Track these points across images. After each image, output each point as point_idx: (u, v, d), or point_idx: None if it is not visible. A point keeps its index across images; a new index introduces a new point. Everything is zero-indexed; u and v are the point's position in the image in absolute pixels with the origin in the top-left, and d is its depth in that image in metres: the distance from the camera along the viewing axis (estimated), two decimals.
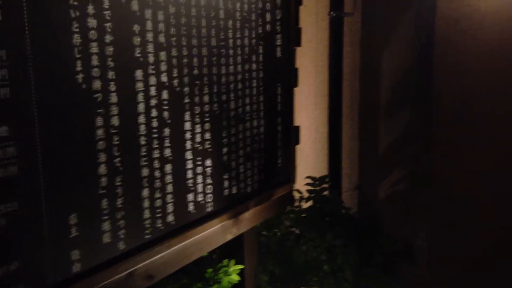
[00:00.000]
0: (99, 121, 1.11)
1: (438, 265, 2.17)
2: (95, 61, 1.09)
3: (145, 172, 1.23)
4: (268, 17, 1.72)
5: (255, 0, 1.63)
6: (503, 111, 2.03)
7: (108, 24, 1.11)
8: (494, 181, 2.09)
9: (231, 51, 1.53)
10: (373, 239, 2.13)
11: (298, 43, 1.99)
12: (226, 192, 1.55)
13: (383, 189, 2.42)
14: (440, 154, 2.04)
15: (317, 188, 2.28)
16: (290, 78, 1.93)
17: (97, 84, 1.09)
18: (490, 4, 1.95)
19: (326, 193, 2.34)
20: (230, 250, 1.73)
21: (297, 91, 2.08)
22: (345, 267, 1.91)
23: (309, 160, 2.69)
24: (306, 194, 2.31)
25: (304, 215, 2.19)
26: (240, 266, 1.63)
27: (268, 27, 1.73)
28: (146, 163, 1.23)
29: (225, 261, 1.64)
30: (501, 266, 2.20)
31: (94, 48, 1.08)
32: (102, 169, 1.12)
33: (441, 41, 1.93)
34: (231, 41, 1.53)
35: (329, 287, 1.87)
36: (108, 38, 1.11)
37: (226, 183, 1.54)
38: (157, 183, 1.27)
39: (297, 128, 1.98)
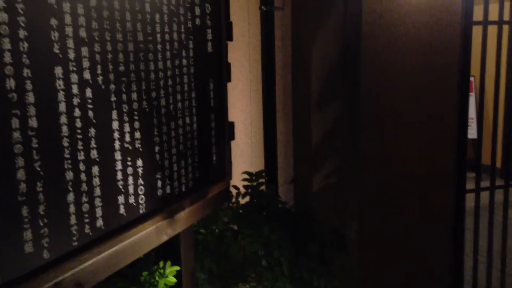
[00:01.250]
0: (15, 122, 1.02)
1: (367, 254, 2.25)
2: (8, 58, 1.00)
3: (69, 175, 1.16)
4: (197, 11, 1.68)
5: None
6: (424, 107, 2.13)
7: (21, 18, 1.03)
8: (414, 177, 2.19)
9: (159, 46, 1.48)
10: (308, 231, 2.17)
11: (229, 38, 1.97)
12: (159, 192, 1.50)
13: (316, 182, 2.46)
14: (367, 148, 2.10)
15: (254, 183, 2.29)
16: (223, 73, 1.90)
17: (11, 83, 1.01)
18: (413, 0, 2.03)
19: (263, 187, 2.34)
20: (167, 250, 1.69)
21: (231, 86, 2.06)
22: (282, 261, 1.93)
23: (245, 155, 2.68)
24: (243, 190, 2.31)
25: (241, 211, 2.19)
26: (176, 268, 1.60)
27: (197, 21, 1.69)
28: (70, 166, 1.16)
29: (161, 263, 1.59)
30: (422, 256, 2.31)
31: (6, 44, 1.00)
32: (21, 174, 1.04)
33: (367, 36, 1.99)
34: (159, 35, 1.48)
35: (267, 282, 1.88)
36: (22, 33, 1.03)
37: (159, 183, 1.50)
38: (84, 187, 1.20)
39: (231, 124, 1.96)
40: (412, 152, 2.20)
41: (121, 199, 1.33)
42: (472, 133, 4.77)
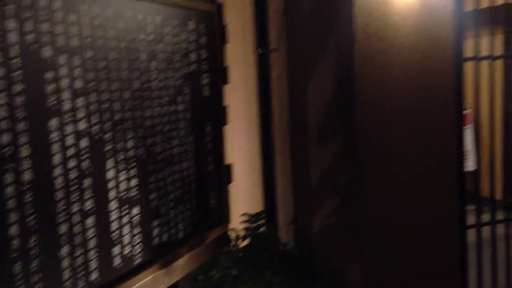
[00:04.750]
0: (9, 177, 1.01)
1: None
2: (2, 112, 1.00)
3: (63, 228, 1.13)
4: (193, 57, 1.70)
5: (178, 41, 1.60)
6: (422, 142, 2.13)
7: (17, 73, 1.04)
8: (418, 208, 2.17)
9: (155, 93, 1.49)
10: (310, 274, 2.12)
11: (225, 81, 1.99)
12: (156, 240, 1.47)
13: (317, 222, 2.43)
14: (367, 184, 2.09)
15: (253, 225, 2.26)
16: (219, 116, 1.91)
17: (6, 138, 1.01)
18: (404, 39, 2.07)
19: (263, 229, 2.31)
20: None
21: (228, 125, 2.07)
22: None
23: (245, 195, 2.66)
24: (242, 232, 2.27)
25: (241, 254, 2.15)
26: None
27: (193, 67, 1.71)
28: (64, 218, 1.14)
29: None
30: None
31: (2, 98, 1.00)
32: (14, 230, 1.02)
33: (359, 76, 2.01)
34: (155, 83, 1.49)
35: None
36: (18, 87, 1.04)
37: (155, 231, 1.47)
38: (78, 240, 1.17)
39: (229, 167, 1.96)
40: (412, 188, 2.18)
41: (116, 250, 1.30)
42: (471, 165, 4.75)
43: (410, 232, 2.21)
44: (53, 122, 1.13)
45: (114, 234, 1.29)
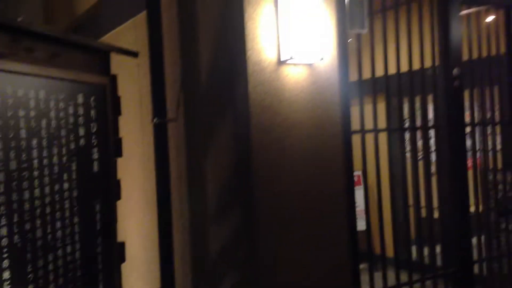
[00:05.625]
0: None
1: None
2: None
3: None
4: (81, 131, 1.62)
5: (64, 116, 1.52)
6: (317, 214, 2.20)
7: None
8: (314, 275, 2.20)
9: (36, 173, 1.37)
10: None
11: (118, 154, 1.91)
12: None
13: None
14: (264, 256, 2.08)
15: None
16: (111, 191, 1.81)
17: None
18: (297, 114, 2.17)
19: None
20: None
21: (124, 198, 1.96)
22: None
23: (142, 272, 2.51)
24: None
25: None
26: None
27: (81, 141, 1.62)
28: None
29: None
30: None
31: None
32: None
33: (256, 149, 2.05)
34: (36, 161, 1.38)
35: None
36: None
37: None
38: None
39: (121, 245, 1.84)
40: (309, 255, 2.21)
41: None
42: (362, 224, 4.99)
43: None
44: None
45: None
